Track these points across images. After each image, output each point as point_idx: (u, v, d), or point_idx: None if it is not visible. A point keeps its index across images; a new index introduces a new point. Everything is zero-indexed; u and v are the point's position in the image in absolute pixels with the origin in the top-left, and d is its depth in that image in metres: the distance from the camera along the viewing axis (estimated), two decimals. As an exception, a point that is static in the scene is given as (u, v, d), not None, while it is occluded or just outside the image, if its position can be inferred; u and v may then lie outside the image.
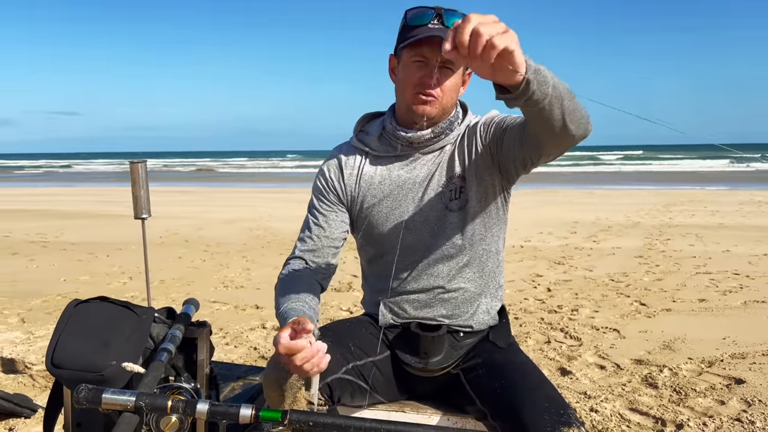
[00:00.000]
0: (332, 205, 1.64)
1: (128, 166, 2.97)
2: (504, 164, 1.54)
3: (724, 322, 4.36)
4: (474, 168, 1.57)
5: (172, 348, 1.53)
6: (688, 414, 2.84)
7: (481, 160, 1.56)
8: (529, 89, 1.10)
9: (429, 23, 1.43)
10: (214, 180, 29.60)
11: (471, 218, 1.58)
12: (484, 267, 1.63)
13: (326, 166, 1.68)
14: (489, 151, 1.55)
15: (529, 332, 4.15)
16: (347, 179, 1.64)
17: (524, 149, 1.43)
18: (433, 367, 1.55)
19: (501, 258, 1.70)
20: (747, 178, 23.36)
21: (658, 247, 7.69)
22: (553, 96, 1.15)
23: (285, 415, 0.99)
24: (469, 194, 1.57)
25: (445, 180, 1.58)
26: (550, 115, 1.19)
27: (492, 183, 1.57)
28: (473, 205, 1.57)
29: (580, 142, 1.33)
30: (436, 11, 1.44)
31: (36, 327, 4.30)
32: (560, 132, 1.25)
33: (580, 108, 1.26)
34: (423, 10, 1.46)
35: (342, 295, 5.26)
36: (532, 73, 1.08)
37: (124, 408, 1.02)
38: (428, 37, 1.42)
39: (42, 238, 8.98)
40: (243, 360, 3.65)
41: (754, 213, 11.27)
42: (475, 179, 1.56)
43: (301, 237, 1.65)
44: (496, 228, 1.63)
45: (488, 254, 1.63)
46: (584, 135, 1.31)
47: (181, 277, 6.09)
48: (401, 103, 1.56)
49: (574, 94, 1.22)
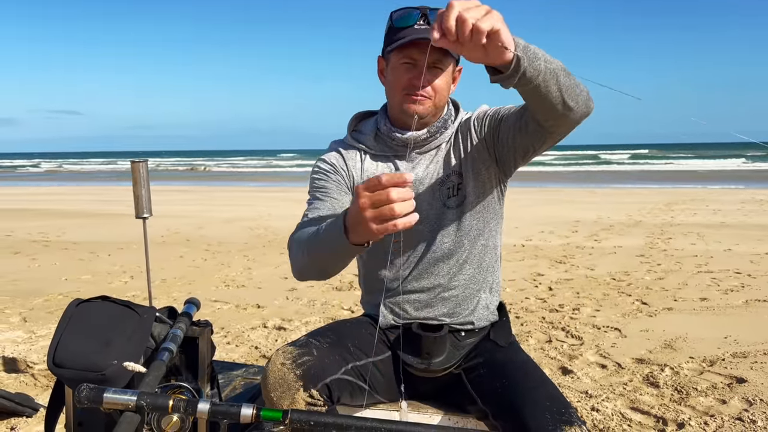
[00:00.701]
0: (338, 183, 1.60)
1: (128, 165, 2.97)
2: (502, 155, 1.54)
3: (725, 321, 4.35)
4: (471, 163, 1.57)
5: (173, 347, 1.53)
6: (690, 413, 2.84)
7: (477, 154, 1.56)
8: (521, 66, 1.12)
9: (415, 24, 1.43)
10: (214, 179, 29.62)
11: (469, 214, 1.58)
12: (482, 262, 1.63)
13: (327, 156, 1.65)
14: (485, 144, 1.56)
15: (531, 331, 4.15)
16: (351, 169, 1.62)
17: (526, 136, 1.43)
18: (435, 368, 1.55)
19: (498, 253, 1.70)
20: (748, 177, 23.33)
21: (659, 246, 7.68)
22: (547, 72, 1.17)
23: (286, 414, 0.99)
24: (466, 190, 1.57)
25: (443, 178, 1.58)
26: (547, 92, 1.20)
27: (488, 177, 1.58)
28: (471, 201, 1.57)
29: (583, 120, 1.34)
30: (421, 11, 1.44)
31: (37, 326, 4.31)
32: (561, 110, 1.26)
33: (577, 84, 1.27)
34: (408, 11, 1.45)
35: (343, 294, 5.26)
36: (521, 50, 1.11)
37: (125, 407, 1.02)
38: (416, 39, 1.41)
39: (43, 237, 8.99)
40: (244, 359, 3.66)
41: (755, 212, 11.26)
42: (472, 174, 1.57)
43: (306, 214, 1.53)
44: (494, 223, 1.64)
45: (486, 249, 1.63)
46: (586, 112, 1.32)
47: (183, 276, 6.09)
48: (393, 104, 1.56)
49: (569, 72, 1.24)
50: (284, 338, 4.04)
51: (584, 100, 1.29)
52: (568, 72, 1.23)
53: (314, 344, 1.50)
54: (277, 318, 4.53)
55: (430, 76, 1.47)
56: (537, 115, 1.32)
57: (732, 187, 17.95)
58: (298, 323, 4.38)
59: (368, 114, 1.70)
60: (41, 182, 27.78)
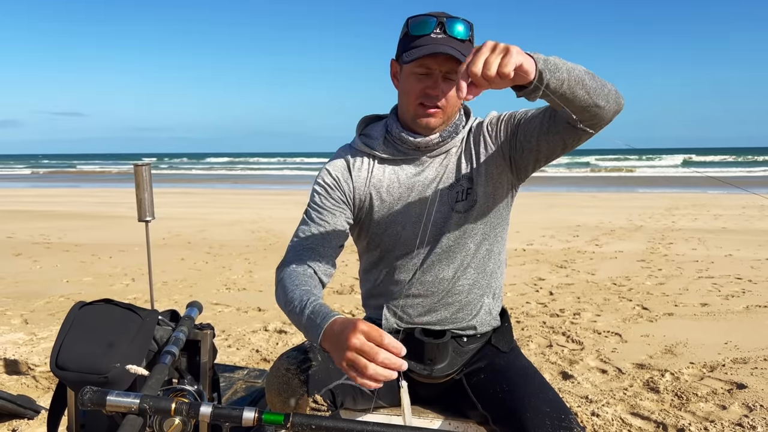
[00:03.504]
0: (336, 202, 1.59)
1: (129, 167, 2.97)
2: (520, 159, 1.54)
3: (726, 326, 4.35)
4: (483, 168, 1.57)
5: (175, 350, 1.54)
6: (690, 419, 2.84)
7: (491, 159, 1.56)
8: (543, 79, 1.17)
9: (432, 32, 1.43)
10: (216, 181, 29.63)
11: (477, 219, 1.58)
12: (486, 267, 1.63)
13: (332, 166, 1.63)
14: (501, 150, 1.56)
15: (531, 336, 4.15)
16: (356, 180, 1.61)
17: (556, 136, 1.44)
18: (438, 374, 1.55)
19: (502, 258, 1.70)
20: (751, 183, 23.31)
21: (660, 251, 7.68)
22: (571, 79, 1.22)
23: (288, 418, 0.99)
24: (477, 195, 1.57)
25: (452, 182, 1.58)
26: (574, 97, 1.25)
27: (501, 182, 1.58)
28: (480, 206, 1.57)
29: (616, 116, 1.38)
30: (438, 19, 1.43)
31: (39, 328, 4.32)
32: (593, 110, 1.30)
33: (604, 84, 1.31)
34: (425, 18, 1.45)
35: (344, 298, 5.26)
36: (542, 64, 1.16)
37: (128, 410, 1.03)
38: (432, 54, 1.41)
39: (45, 239, 9.00)
40: (245, 362, 3.66)
41: (756, 217, 11.25)
42: (484, 179, 1.56)
43: (299, 233, 1.56)
44: (500, 228, 1.64)
45: (491, 254, 1.63)
46: (617, 109, 1.37)
47: (184, 279, 6.10)
48: (405, 111, 1.55)
49: (594, 73, 1.28)
50: (285, 341, 4.04)
51: (614, 98, 1.33)
52: (592, 74, 1.28)
53: (318, 350, 1.50)
54: (278, 321, 4.53)
55: (444, 85, 1.47)
56: (569, 118, 1.34)
57: (732, 193, 17.93)
58: (299, 326, 4.38)
59: (376, 117, 1.70)
60: (42, 183, 27.81)
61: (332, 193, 1.59)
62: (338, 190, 1.59)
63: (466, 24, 1.45)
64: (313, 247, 1.52)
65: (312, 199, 1.60)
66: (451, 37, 1.43)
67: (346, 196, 1.60)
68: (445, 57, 1.42)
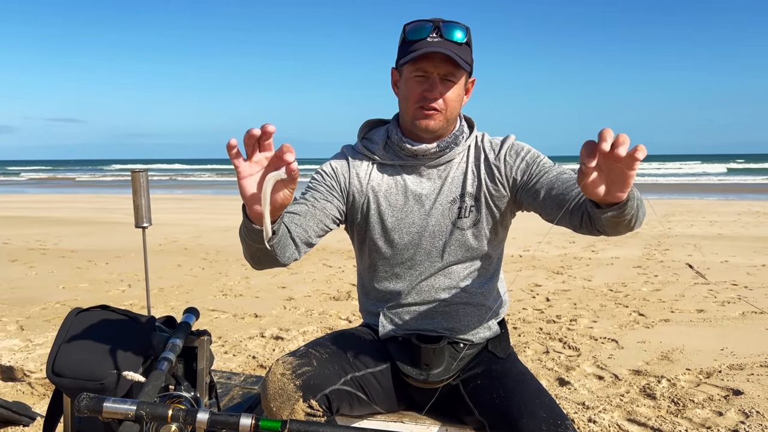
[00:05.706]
0: (330, 189, 1.59)
1: (126, 173, 2.98)
2: (522, 202, 1.57)
3: (722, 332, 4.36)
4: (490, 195, 1.58)
5: (172, 357, 1.54)
6: (686, 425, 2.84)
7: (501, 190, 1.57)
8: (627, 205, 1.18)
9: (428, 37, 1.45)
10: (211, 187, 29.61)
11: (478, 236, 1.59)
12: (484, 276, 1.64)
13: (334, 161, 1.65)
14: (513, 190, 1.57)
15: (528, 342, 4.15)
16: (354, 177, 1.61)
17: (572, 221, 1.40)
18: (434, 379, 1.56)
19: (500, 269, 1.71)
20: (745, 189, 23.39)
21: (656, 257, 7.70)
22: (637, 209, 1.25)
23: (285, 424, 0.99)
24: (481, 215, 1.58)
25: (455, 196, 1.58)
26: (625, 222, 1.25)
27: (505, 211, 1.60)
28: (483, 225, 1.58)
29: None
30: (434, 24, 1.45)
31: (35, 334, 4.30)
32: (624, 231, 1.31)
33: (645, 210, 1.33)
34: (422, 23, 1.47)
35: (341, 304, 5.26)
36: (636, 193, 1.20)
37: (124, 417, 1.03)
38: (428, 53, 1.43)
39: (41, 245, 8.98)
40: (241, 369, 3.65)
41: (752, 223, 11.30)
42: (490, 201, 1.58)
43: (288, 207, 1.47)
44: (497, 242, 1.65)
45: (489, 267, 1.64)
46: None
47: (180, 285, 6.09)
48: (405, 116, 1.56)
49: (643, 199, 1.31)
50: (281, 348, 4.04)
51: (642, 221, 1.34)
52: (642, 201, 1.30)
53: (314, 355, 1.51)
54: (275, 327, 4.53)
55: (442, 87, 1.48)
56: (602, 228, 1.32)
57: (728, 199, 18.00)
58: (295, 333, 4.38)
59: (379, 122, 1.70)
60: (38, 189, 27.75)
61: (327, 180, 1.60)
62: (335, 180, 1.61)
63: (462, 28, 1.47)
64: (298, 213, 1.48)
65: (308, 184, 1.62)
66: (448, 40, 1.44)
67: (342, 187, 1.61)
68: (442, 59, 1.43)
